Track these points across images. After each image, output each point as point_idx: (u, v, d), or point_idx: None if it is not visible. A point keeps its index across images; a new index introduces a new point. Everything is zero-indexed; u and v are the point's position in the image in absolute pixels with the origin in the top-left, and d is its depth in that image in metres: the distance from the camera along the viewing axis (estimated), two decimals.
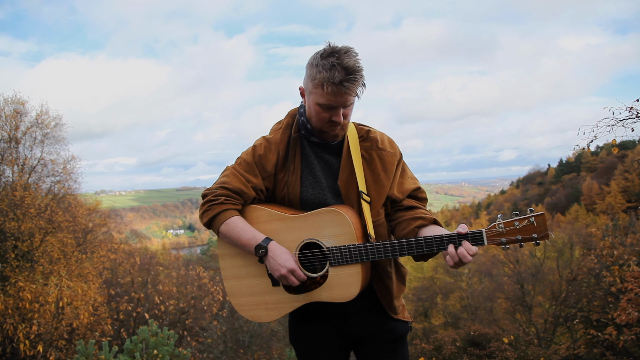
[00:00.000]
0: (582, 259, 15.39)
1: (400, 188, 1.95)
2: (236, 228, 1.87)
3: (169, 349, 4.00)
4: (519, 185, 74.94)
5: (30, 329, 10.92)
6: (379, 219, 1.94)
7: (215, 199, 1.90)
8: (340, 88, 1.72)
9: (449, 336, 9.57)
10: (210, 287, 16.96)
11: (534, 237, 1.70)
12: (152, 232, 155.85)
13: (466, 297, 22.25)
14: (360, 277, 1.82)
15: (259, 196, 1.98)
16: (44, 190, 14.75)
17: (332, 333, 2.04)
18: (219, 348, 14.39)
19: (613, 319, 10.33)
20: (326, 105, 1.78)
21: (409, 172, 2.03)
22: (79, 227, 14.51)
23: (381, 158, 1.93)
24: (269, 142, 1.97)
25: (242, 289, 1.99)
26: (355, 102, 1.84)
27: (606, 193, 48.02)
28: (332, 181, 1.95)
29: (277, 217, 1.91)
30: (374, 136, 1.97)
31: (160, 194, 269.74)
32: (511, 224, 1.72)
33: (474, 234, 1.73)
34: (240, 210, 1.94)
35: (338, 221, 1.82)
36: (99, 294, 13.20)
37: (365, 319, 2.02)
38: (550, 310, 16.59)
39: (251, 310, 2.00)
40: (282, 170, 1.97)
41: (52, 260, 12.82)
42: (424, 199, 2.00)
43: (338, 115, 1.80)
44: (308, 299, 1.90)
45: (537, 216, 1.71)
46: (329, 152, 1.97)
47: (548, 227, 1.71)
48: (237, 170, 1.95)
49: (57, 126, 14.81)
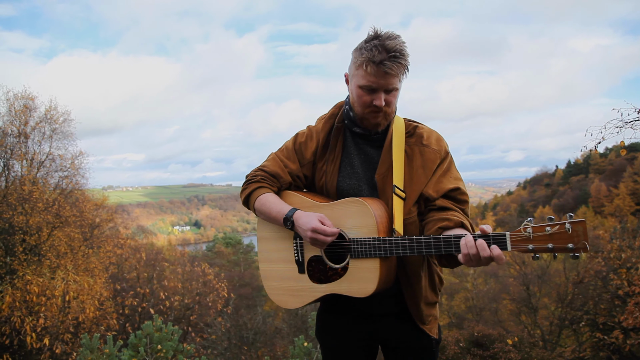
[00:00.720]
0: (589, 261, 15.26)
1: (436, 187, 1.84)
2: (267, 203, 1.93)
3: (172, 344, 4.02)
4: (526, 186, 74.47)
5: (37, 322, 11.01)
6: (411, 217, 1.85)
7: (252, 178, 2.01)
8: (380, 68, 1.71)
9: (453, 336, 9.54)
10: (215, 283, 17.03)
11: (569, 247, 1.45)
12: (159, 228, 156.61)
13: (471, 298, 22.18)
14: (378, 273, 1.76)
15: (296, 182, 2.02)
16: (52, 185, 14.88)
17: (359, 334, 2.00)
18: (223, 344, 14.45)
19: (620, 323, 10.25)
20: (367, 87, 1.77)
21: (454, 173, 1.90)
22: (86, 222, 14.62)
23: (423, 154, 1.86)
24: (311, 130, 2.02)
25: (273, 273, 2.04)
26: (400, 90, 1.83)
27: (615, 195, 47.63)
28: (370, 174, 1.92)
29: (308, 204, 1.93)
30: (421, 132, 1.91)
31: (167, 190, 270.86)
32: (542, 229, 1.49)
33: (497, 236, 1.55)
34: (277, 193, 2.00)
35: (362, 212, 1.79)
36: (104, 289, 13.29)
37: (392, 324, 1.95)
38: (556, 313, 16.47)
39: (279, 295, 2.04)
40: (321, 159, 1.99)
41: (59, 255, 12.92)
42: (462, 201, 1.85)
43: (379, 99, 1.77)
44: (328, 290, 1.88)
45: (575, 223, 1.46)
46: (370, 145, 1.94)
47: (588, 239, 1.45)
48: (278, 155, 2.03)
49: (66, 122, 14.94)
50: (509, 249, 1.53)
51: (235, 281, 26.12)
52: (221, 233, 56.21)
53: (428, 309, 1.94)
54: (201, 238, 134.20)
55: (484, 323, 17.97)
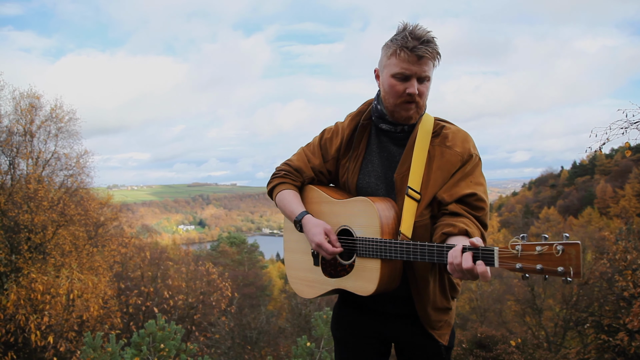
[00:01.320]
0: (594, 262, 15.16)
1: (451, 191, 1.78)
2: (284, 200, 2.00)
3: (175, 343, 4.02)
4: (531, 187, 74.19)
5: (42, 320, 11.08)
6: (422, 220, 1.81)
7: (277, 172, 2.08)
8: (414, 52, 1.71)
9: (456, 337, 9.51)
10: (219, 282, 17.08)
11: (560, 270, 1.31)
12: (163, 227, 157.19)
13: (475, 299, 22.08)
14: (379, 275, 1.75)
15: (319, 177, 2.06)
16: (57, 184, 14.96)
17: (370, 331, 2.00)
18: (226, 344, 14.46)
19: (625, 325, 10.18)
20: (400, 75, 1.76)
21: (476, 177, 1.82)
22: (90, 220, 14.69)
23: (444, 156, 1.80)
24: (337, 127, 2.04)
25: (294, 262, 2.13)
26: (432, 82, 1.82)
27: (620, 196, 47.35)
28: (390, 173, 1.89)
29: (325, 200, 1.98)
30: (446, 132, 1.85)
31: (172, 189, 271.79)
32: (532, 247, 1.36)
33: (485, 250, 1.46)
34: (300, 187, 2.07)
35: (367, 212, 1.80)
36: (109, 287, 13.36)
37: (403, 325, 1.94)
38: (561, 314, 16.40)
39: (296, 284, 2.11)
40: (345, 156, 2.00)
41: (63, 253, 12.99)
42: (478, 207, 1.77)
43: (413, 87, 1.75)
44: (336, 285, 1.91)
45: (568, 245, 1.31)
46: (394, 143, 1.92)
47: (581, 264, 1.30)
48: (304, 150, 2.08)
49: (71, 120, 15.02)
50: (496, 266, 1.44)
51: (239, 280, 26.16)
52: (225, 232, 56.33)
53: (437, 314, 1.89)
54: (205, 237, 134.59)
55: (488, 324, 17.91)
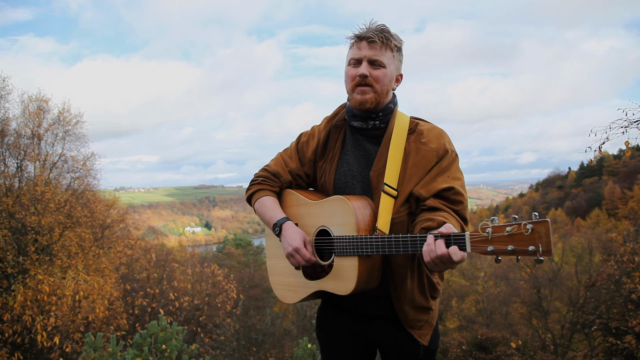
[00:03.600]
0: (601, 264, 15.03)
1: (428, 186, 1.78)
2: (263, 207, 2.01)
3: (177, 344, 4.03)
4: (538, 188, 73.76)
5: (48, 321, 11.16)
6: (399, 216, 1.81)
7: (255, 179, 2.10)
8: (363, 39, 1.83)
9: (455, 339, 9.46)
10: (224, 284, 17.10)
11: (530, 250, 1.31)
12: (170, 229, 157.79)
13: (482, 301, 21.98)
14: (357, 272, 1.74)
15: (297, 181, 2.08)
16: (64, 186, 15.06)
17: (353, 334, 2.01)
18: (232, 345, 14.47)
19: (633, 327, 10.08)
20: (353, 61, 1.86)
21: (453, 172, 1.82)
22: (97, 222, 14.78)
23: (419, 152, 1.82)
24: (313, 130, 2.07)
25: (276, 267, 2.12)
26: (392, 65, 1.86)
27: (629, 197, 46.87)
28: (366, 171, 1.91)
29: (302, 202, 1.99)
30: (421, 129, 1.87)
31: (179, 191, 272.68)
32: (502, 229, 1.36)
33: (457, 236, 1.47)
34: (279, 192, 2.08)
35: (343, 210, 1.80)
36: (115, 289, 13.42)
37: (384, 326, 1.94)
38: (568, 316, 16.25)
39: (279, 290, 2.11)
40: (321, 158, 2.02)
41: (70, 255, 13.07)
42: (456, 201, 1.77)
43: (363, 68, 1.82)
44: (317, 287, 1.91)
45: (537, 223, 1.31)
46: (370, 142, 1.93)
47: (553, 239, 1.29)
48: (282, 155, 2.11)
49: (78, 123, 15.13)
50: (468, 250, 1.45)
51: (245, 282, 26.18)
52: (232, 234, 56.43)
53: (416, 314, 1.89)
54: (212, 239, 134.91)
55: (494, 326, 17.81)
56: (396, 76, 1.91)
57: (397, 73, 1.91)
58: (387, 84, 1.85)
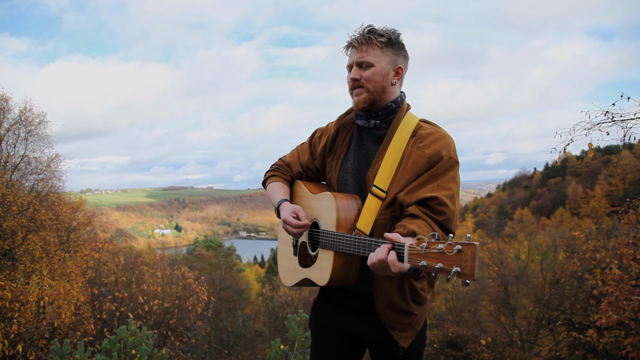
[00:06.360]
0: (565, 262, 15.57)
1: (413, 192, 1.77)
2: (271, 191, 2.18)
3: (147, 348, 3.96)
4: (505, 188, 75.69)
5: (10, 329, 10.73)
6: (382, 219, 1.82)
7: (271, 167, 2.29)
8: (352, 45, 1.91)
9: (427, 338, 9.62)
10: (195, 287, 16.85)
11: (455, 271, 1.31)
12: (139, 231, 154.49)
13: (451, 299, 22.35)
14: (332, 266, 1.83)
15: (307, 173, 2.20)
16: (27, 188, 14.54)
17: (342, 328, 2.07)
18: (203, 348, 14.30)
19: (594, 322, 10.46)
20: (348, 68, 1.96)
21: (445, 181, 1.78)
22: (62, 225, 14.30)
23: (411, 156, 1.81)
24: (328, 126, 2.16)
25: (282, 251, 2.29)
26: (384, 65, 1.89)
27: (591, 197, 48.71)
28: (363, 170, 1.96)
29: (305, 194, 2.13)
30: (422, 133, 1.86)
31: (146, 192, 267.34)
32: (434, 245, 1.37)
33: (399, 246, 1.50)
34: (291, 181, 2.24)
35: (330, 206, 1.89)
36: (81, 293, 13.02)
37: (369, 323, 1.98)
38: (534, 313, 16.74)
39: (282, 272, 2.27)
40: (330, 154, 2.12)
41: (34, 259, 12.61)
42: (439, 212, 1.74)
43: (352, 73, 1.91)
44: (305, 275, 2.02)
45: (465, 245, 1.31)
46: (374, 142, 1.97)
47: (476, 265, 1.29)
48: (298, 148, 2.25)
49: (41, 124, 14.63)
50: (405, 262, 1.45)
51: (215, 284, 25.88)
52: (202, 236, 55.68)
53: (396, 316, 1.90)
54: (182, 241, 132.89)
55: (464, 324, 18.15)
56: (393, 69, 1.90)
57: (392, 66, 1.89)
58: (379, 80, 1.88)
